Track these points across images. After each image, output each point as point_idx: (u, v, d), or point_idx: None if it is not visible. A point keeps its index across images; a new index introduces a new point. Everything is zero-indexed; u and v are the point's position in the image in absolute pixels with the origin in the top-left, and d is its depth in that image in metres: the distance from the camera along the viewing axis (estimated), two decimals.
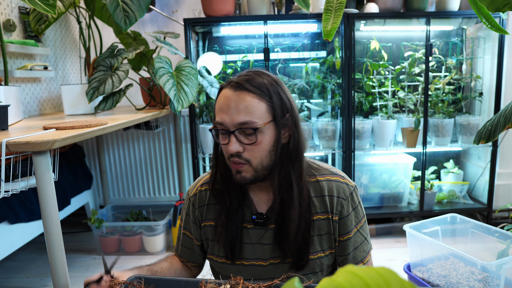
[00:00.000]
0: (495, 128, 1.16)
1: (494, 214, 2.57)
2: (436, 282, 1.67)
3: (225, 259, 0.97)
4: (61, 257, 1.17)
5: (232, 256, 0.95)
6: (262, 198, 0.97)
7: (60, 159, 2.16)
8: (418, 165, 2.54)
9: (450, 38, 2.62)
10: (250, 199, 0.97)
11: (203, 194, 1.02)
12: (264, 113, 0.85)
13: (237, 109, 0.84)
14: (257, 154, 0.87)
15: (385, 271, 0.30)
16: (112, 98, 1.96)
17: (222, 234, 0.95)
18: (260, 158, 0.87)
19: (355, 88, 2.42)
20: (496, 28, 1.08)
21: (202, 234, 1.02)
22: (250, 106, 0.84)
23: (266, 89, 0.86)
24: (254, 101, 0.84)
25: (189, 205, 1.04)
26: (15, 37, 2.08)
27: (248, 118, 0.84)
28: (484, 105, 2.56)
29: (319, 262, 0.95)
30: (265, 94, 0.86)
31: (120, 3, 1.84)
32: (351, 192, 0.96)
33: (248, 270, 0.97)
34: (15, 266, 2.30)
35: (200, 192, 1.02)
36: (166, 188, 2.90)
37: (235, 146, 0.85)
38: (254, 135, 0.85)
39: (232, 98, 0.85)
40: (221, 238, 0.95)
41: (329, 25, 1.40)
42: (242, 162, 0.87)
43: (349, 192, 0.95)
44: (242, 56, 2.56)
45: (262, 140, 0.86)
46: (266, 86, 0.86)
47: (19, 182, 1.35)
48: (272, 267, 0.96)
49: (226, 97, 0.86)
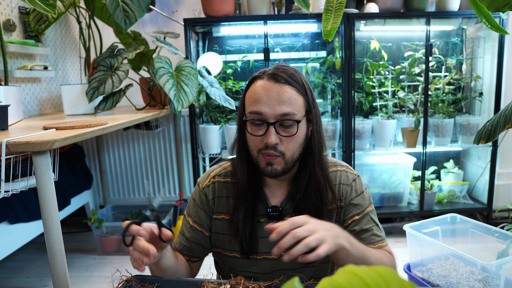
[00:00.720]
0: (495, 128, 1.16)
1: (494, 214, 2.57)
2: (436, 282, 1.67)
3: (237, 254, 0.96)
4: (61, 257, 1.17)
5: (249, 251, 0.95)
6: (275, 192, 0.98)
7: (60, 159, 2.16)
8: (418, 165, 2.54)
9: (450, 38, 2.62)
10: (264, 193, 0.98)
11: (215, 186, 1.01)
12: (302, 107, 0.88)
13: (279, 100, 0.85)
14: (291, 146, 0.88)
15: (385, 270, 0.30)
16: (112, 98, 1.96)
17: (240, 229, 0.94)
18: (293, 151, 0.89)
19: (355, 88, 2.42)
20: (496, 28, 1.08)
21: (212, 226, 1.01)
22: (292, 98, 0.86)
23: (303, 84, 0.88)
24: (295, 94, 0.86)
25: (200, 196, 1.02)
26: (15, 37, 2.08)
27: (290, 110, 0.85)
28: (484, 105, 2.56)
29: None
30: (302, 89, 0.88)
31: (120, 3, 1.84)
32: (354, 179, 0.98)
33: (259, 264, 0.97)
34: (15, 266, 2.30)
35: (212, 183, 1.01)
36: (166, 188, 2.90)
37: (274, 138, 0.85)
38: (295, 127, 0.86)
39: (274, 90, 0.85)
40: (239, 232, 0.94)
41: (329, 25, 1.40)
42: (277, 154, 0.87)
43: (352, 179, 0.98)
44: (242, 56, 2.56)
45: (299, 134, 0.88)
46: (303, 81, 0.89)
47: (19, 182, 1.35)
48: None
49: (266, 88, 0.86)
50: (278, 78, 0.86)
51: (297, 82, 0.88)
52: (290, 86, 0.86)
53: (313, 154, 0.92)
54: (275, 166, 0.89)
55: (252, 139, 0.90)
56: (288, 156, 0.89)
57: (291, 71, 0.89)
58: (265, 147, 0.87)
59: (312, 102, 0.91)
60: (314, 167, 0.92)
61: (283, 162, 0.89)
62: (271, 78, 0.87)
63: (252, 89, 0.89)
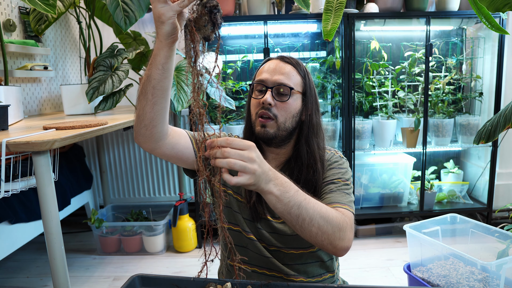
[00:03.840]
0: (495, 128, 1.16)
1: (494, 214, 2.57)
2: (436, 282, 1.67)
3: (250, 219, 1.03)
4: (61, 257, 1.17)
5: (256, 216, 1.02)
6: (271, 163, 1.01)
7: (60, 159, 2.16)
8: (418, 165, 2.54)
9: (450, 38, 2.62)
10: None
11: None
12: (298, 84, 1.03)
13: (280, 72, 1.01)
14: (284, 113, 1.00)
15: None
16: (112, 98, 1.96)
17: (247, 194, 1.02)
18: (285, 118, 1.01)
19: (355, 88, 2.42)
20: (496, 28, 1.08)
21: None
22: (291, 73, 1.02)
23: (304, 70, 1.05)
24: (294, 71, 1.03)
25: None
26: (15, 37, 2.08)
27: (287, 81, 1.00)
28: (484, 105, 2.56)
29: None
30: (302, 72, 1.04)
31: (120, 3, 1.84)
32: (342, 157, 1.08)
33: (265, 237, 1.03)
34: (15, 266, 2.30)
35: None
36: (166, 188, 2.90)
37: (269, 98, 0.99)
38: (287, 95, 1.00)
39: (278, 65, 1.03)
40: (246, 197, 1.02)
41: (329, 25, 1.40)
42: (270, 116, 0.99)
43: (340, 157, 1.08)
44: (242, 56, 2.56)
45: (291, 104, 1.01)
46: (304, 68, 1.06)
47: (19, 182, 1.35)
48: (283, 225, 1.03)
49: (271, 63, 1.04)
50: (285, 59, 1.04)
51: (299, 67, 1.04)
52: (292, 66, 1.03)
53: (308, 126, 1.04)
54: (268, 128, 1.00)
55: (253, 103, 1.03)
56: (280, 121, 1.00)
57: (296, 59, 1.06)
58: (261, 108, 1.00)
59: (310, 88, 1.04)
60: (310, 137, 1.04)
61: (275, 126, 1.00)
62: (279, 58, 1.05)
63: (263, 66, 1.06)
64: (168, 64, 0.83)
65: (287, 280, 1.03)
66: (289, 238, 1.02)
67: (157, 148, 0.93)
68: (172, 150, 0.96)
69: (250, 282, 0.81)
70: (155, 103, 0.85)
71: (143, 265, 2.29)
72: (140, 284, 0.84)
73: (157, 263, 2.31)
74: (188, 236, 2.42)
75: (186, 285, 0.83)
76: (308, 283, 1.01)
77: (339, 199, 0.94)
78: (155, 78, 0.83)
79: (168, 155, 0.97)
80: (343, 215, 0.87)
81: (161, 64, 0.82)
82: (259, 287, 0.79)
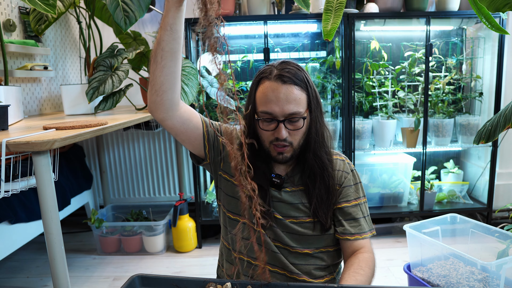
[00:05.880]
0: (495, 128, 1.16)
1: (494, 214, 2.57)
2: (436, 282, 1.67)
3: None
4: (61, 257, 1.17)
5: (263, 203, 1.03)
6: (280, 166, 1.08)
7: (60, 159, 2.16)
8: (418, 165, 2.54)
9: (450, 38, 2.62)
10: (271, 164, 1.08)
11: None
12: (305, 102, 1.00)
13: (287, 101, 0.97)
14: (297, 137, 1.01)
15: None
16: (112, 98, 1.96)
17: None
18: (298, 140, 1.02)
19: (355, 88, 2.42)
20: (496, 28, 1.08)
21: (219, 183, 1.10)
22: (298, 98, 0.98)
23: (305, 81, 1.00)
24: (300, 93, 0.98)
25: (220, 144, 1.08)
26: (15, 37, 2.08)
27: (297, 109, 0.98)
28: (484, 105, 2.56)
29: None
30: (305, 86, 1.00)
31: (120, 3, 1.84)
32: (352, 170, 1.10)
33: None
34: (15, 266, 2.30)
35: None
36: (166, 188, 2.90)
37: (284, 133, 0.98)
38: (301, 122, 1.00)
39: (282, 91, 0.97)
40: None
41: (329, 25, 1.40)
42: (286, 144, 1.00)
43: (350, 169, 1.09)
44: (242, 56, 2.56)
45: (303, 126, 1.01)
46: (305, 78, 1.01)
47: (19, 182, 1.35)
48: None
49: (274, 90, 0.97)
50: (285, 79, 0.97)
51: (300, 80, 0.99)
52: (296, 85, 0.98)
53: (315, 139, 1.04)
54: (285, 154, 1.02)
55: (264, 133, 1.02)
56: (295, 144, 1.02)
57: (294, 70, 0.99)
58: (276, 140, 1.00)
59: (314, 94, 1.02)
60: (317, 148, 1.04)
61: (291, 150, 1.02)
62: (278, 79, 0.98)
63: (261, 90, 1.00)
64: (176, 25, 0.85)
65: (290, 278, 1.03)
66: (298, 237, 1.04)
67: (168, 119, 0.96)
68: (182, 125, 0.99)
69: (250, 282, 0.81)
70: (164, 66, 0.88)
71: (143, 265, 2.29)
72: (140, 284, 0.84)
73: (157, 263, 2.31)
74: (188, 236, 2.42)
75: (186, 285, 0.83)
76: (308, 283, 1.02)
77: (363, 228, 1.05)
78: (164, 40, 0.86)
79: (177, 130, 0.99)
80: (369, 259, 1.04)
81: (169, 25, 0.85)
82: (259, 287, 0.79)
